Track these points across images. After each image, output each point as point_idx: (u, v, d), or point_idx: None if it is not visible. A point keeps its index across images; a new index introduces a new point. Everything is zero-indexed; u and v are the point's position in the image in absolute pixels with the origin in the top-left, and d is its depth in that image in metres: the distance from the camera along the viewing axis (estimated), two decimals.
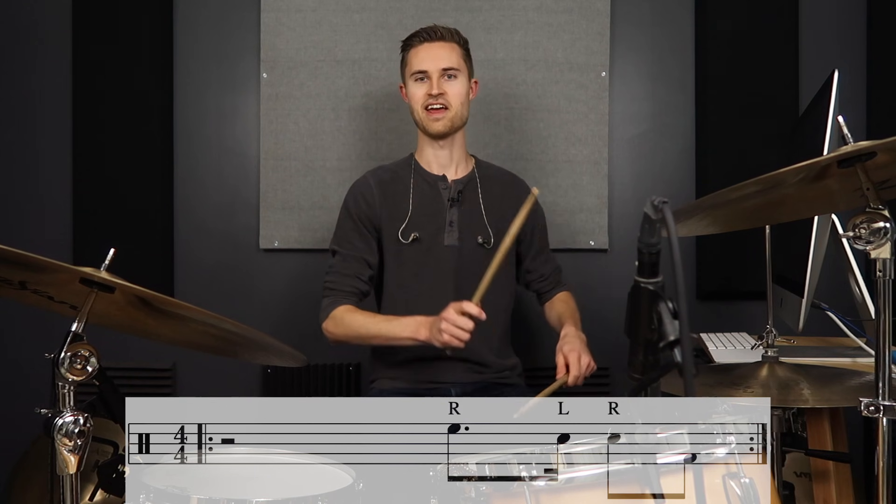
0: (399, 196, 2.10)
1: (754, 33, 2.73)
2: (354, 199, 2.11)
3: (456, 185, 2.11)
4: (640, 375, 0.98)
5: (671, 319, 0.91)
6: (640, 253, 0.97)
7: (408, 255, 2.08)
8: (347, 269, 2.07)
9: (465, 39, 2.12)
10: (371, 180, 2.13)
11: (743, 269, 2.68)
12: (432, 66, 2.03)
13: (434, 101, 2.03)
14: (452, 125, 2.06)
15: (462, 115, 2.08)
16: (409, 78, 2.09)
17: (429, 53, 2.05)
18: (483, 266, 1.86)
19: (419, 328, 1.88)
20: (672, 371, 0.89)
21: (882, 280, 1.21)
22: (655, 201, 0.93)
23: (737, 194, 1.27)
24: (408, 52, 2.09)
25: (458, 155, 2.13)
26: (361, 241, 2.08)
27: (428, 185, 2.11)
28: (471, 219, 2.10)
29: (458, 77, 2.06)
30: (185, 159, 2.77)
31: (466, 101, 2.09)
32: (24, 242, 1.26)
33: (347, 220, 2.11)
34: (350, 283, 2.06)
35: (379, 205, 2.09)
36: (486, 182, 2.16)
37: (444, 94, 2.03)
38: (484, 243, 2.09)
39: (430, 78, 2.04)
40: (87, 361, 1.20)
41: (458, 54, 2.07)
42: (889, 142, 1.14)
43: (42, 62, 2.75)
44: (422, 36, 2.06)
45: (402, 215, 2.08)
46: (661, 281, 0.96)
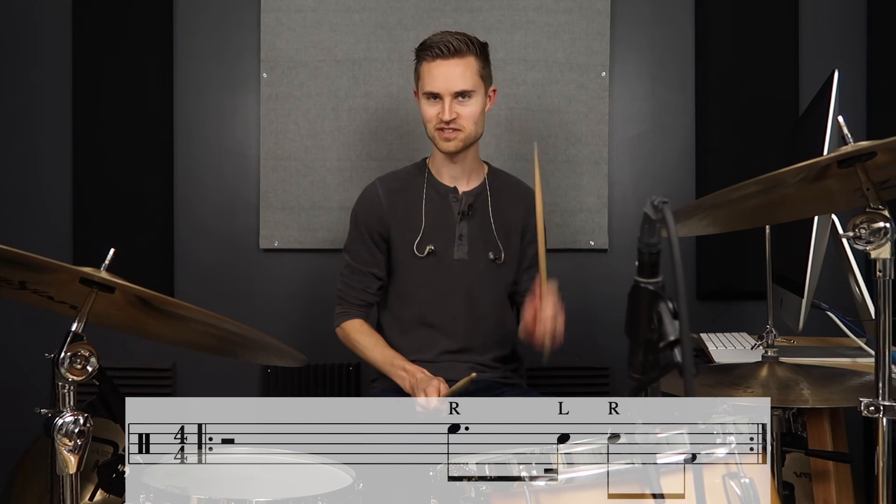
0: (411, 206, 2.06)
1: (754, 33, 2.73)
2: (363, 210, 2.09)
3: (466, 199, 2.07)
4: (640, 375, 0.98)
5: (671, 319, 0.91)
6: (640, 253, 0.97)
7: (421, 267, 2.05)
8: (356, 282, 2.09)
9: (482, 45, 2.00)
10: (380, 189, 2.09)
11: (743, 269, 2.68)
12: (444, 89, 1.93)
13: (446, 126, 1.95)
14: (465, 145, 2.00)
15: (476, 134, 2.01)
16: (421, 93, 2.00)
17: (442, 73, 1.93)
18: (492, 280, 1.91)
19: (403, 379, 1.95)
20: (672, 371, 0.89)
21: (882, 280, 1.21)
22: (655, 201, 0.93)
23: (737, 194, 1.27)
24: (420, 64, 1.98)
25: (471, 166, 2.08)
26: (368, 254, 2.07)
27: (439, 197, 2.07)
28: (480, 233, 2.07)
29: (472, 97, 1.95)
30: (185, 159, 2.77)
31: (481, 119, 2.00)
32: (24, 242, 1.26)
33: (355, 231, 2.10)
34: (357, 296, 2.09)
35: (388, 215, 2.06)
36: (497, 194, 2.11)
37: (458, 117, 1.95)
38: (495, 259, 2.07)
39: (443, 100, 1.94)
40: (87, 361, 1.20)
41: (474, 70, 1.96)
42: (889, 142, 1.14)
43: (42, 62, 2.75)
44: (435, 51, 1.93)
45: (416, 227, 2.05)
46: (661, 281, 0.96)
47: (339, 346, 2.15)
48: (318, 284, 2.74)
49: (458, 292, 2.06)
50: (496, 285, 2.10)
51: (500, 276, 2.09)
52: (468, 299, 2.06)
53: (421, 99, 2.01)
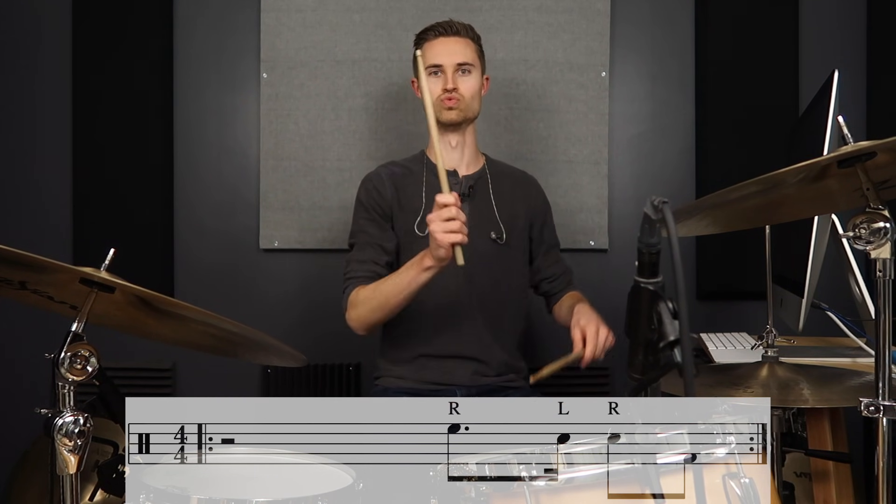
0: (411, 190, 2.10)
1: (754, 33, 2.73)
2: (366, 191, 2.11)
3: (467, 181, 2.11)
4: (640, 375, 0.98)
5: (671, 319, 0.91)
6: (640, 253, 0.97)
7: (422, 247, 2.04)
8: (363, 255, 2.04)
9: (478, 36, 2.13)
10: (382, 173, 2.14)
11: (743, 269, 2.68)
12: (447, 61, 2.04)
13: (448, 95, 2.04)
14: (465, 116, 2.07)
15: (474, 109, 2.09)
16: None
17: (444, 48, 2.06)
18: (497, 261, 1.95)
19: (422, 258, 1.83)
20: (672, 371, 0.89)
21: (882, 280, 1.21)
22: (655, 201, 0.93)
23: (737, 194, 1.27)
24: (422, 45, 2.09)
25: (469, 152, 2.13)
26: (376, 229, 2.07)
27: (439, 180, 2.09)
28: (482, 214, 2.09)
29: (471, 72, 2.07)
30: (185, 159, 2.77)
31: (478, 96, 2.10)
32: (24, 242, 1.26)
33: (361, 211, 2.10)
34: (366, 268, 2.02)
35: (391, 196, 2.09)
36: (498, 178, 2.16)
37: (458, 88, 2.04)
38: (497, 239, 2.08)
39: (445, 72, 2.04)
40: (87, 361, 1.20)
41: (473, 49, 2.09)
42: (889, 142, 1.14)
43: (42, 62, 2.75)
44: (437, 30, 2.08)
45: (416, 209, 2.07)
46: (661, 281, 0.96)
47: (339, 346, 2.13)
48: (318, 284, 2.74)
49: (459, 272, 2.02)
50: (501, 266, 2.09)
51: (504, 257, 2.09)
52: (470, 279, 2.04)
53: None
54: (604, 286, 2.71)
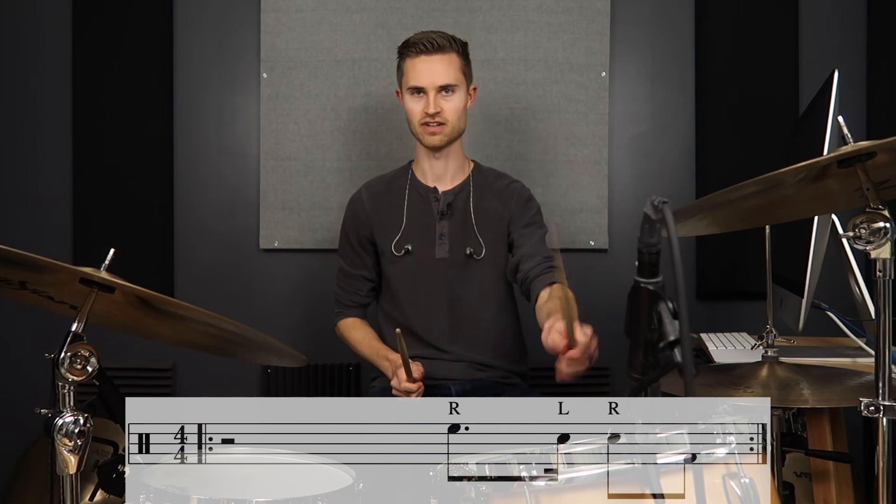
0: (393, 208, 2.11)
1: (754, 33, 2.73)
2: (348, 217, 2.18)
3: (445, 198, 2.08)
4: (640, 375, 0.98)
5: (671, 319, 0.91)
6: (640, 253, 0.97)
7: (401, 266, 2.10)
8: (348, 285, 2.19)
9: (463, 44, 2.05)
10: (364, 195, 2.16)
11: (743, 269, 2.68)
12: (429, 83, 1.98)
13: (431, 119, 2.00)
14: (449, 139, 2.04)
15: (459, 129, 2.05)
16: (405, 89, 2.03)
17: (426, 68, 1.98)
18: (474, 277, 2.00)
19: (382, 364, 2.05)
20: (672, 371, 0.89)
21: (882, 280, 1.21)
22: (655, 201, 0.93)
23: (737, 194, 1.27)
24: (404, 61, 2.03)
25: (454, 164, 2.10)
26: (357, 259, 2.16)
27: (421, 198, 2.11)
28: (461, 231, 2.08)
29: (455, 92, 2.00)
30: (185, 159, 2.77)
31: (464, 113, 2.05)
32: (24, 242, 1.26)
33: (344, 235, 2.19)
34: (350, 298, 2.19)
35: (371, 219, 2.12)
36: (480, 190, 2.11)
37: (441, 111, 1.99)
38: (473, 254, 2.07)
39: (427, 94, 1.99)
40: (87, 361, 1.20)
41: (456, 66, 2.01)
42: (889, 142, 1.14)
43: (42, 62, 2.75)
44: (418, 47, 1.99)
45: (396, 227, 2.09)
46: (661, 281, 0.96)
47: (339, 346, 2.17)
48: (317, 284, 2.74)
49: (439, 292, 2.08)
50: (478, 282, 2.08)
51: (481, 272, 2.08)
52: (451, 298, 2.07)
53: (405, 96, 2.04)
54: (604, 286, 2.72)
